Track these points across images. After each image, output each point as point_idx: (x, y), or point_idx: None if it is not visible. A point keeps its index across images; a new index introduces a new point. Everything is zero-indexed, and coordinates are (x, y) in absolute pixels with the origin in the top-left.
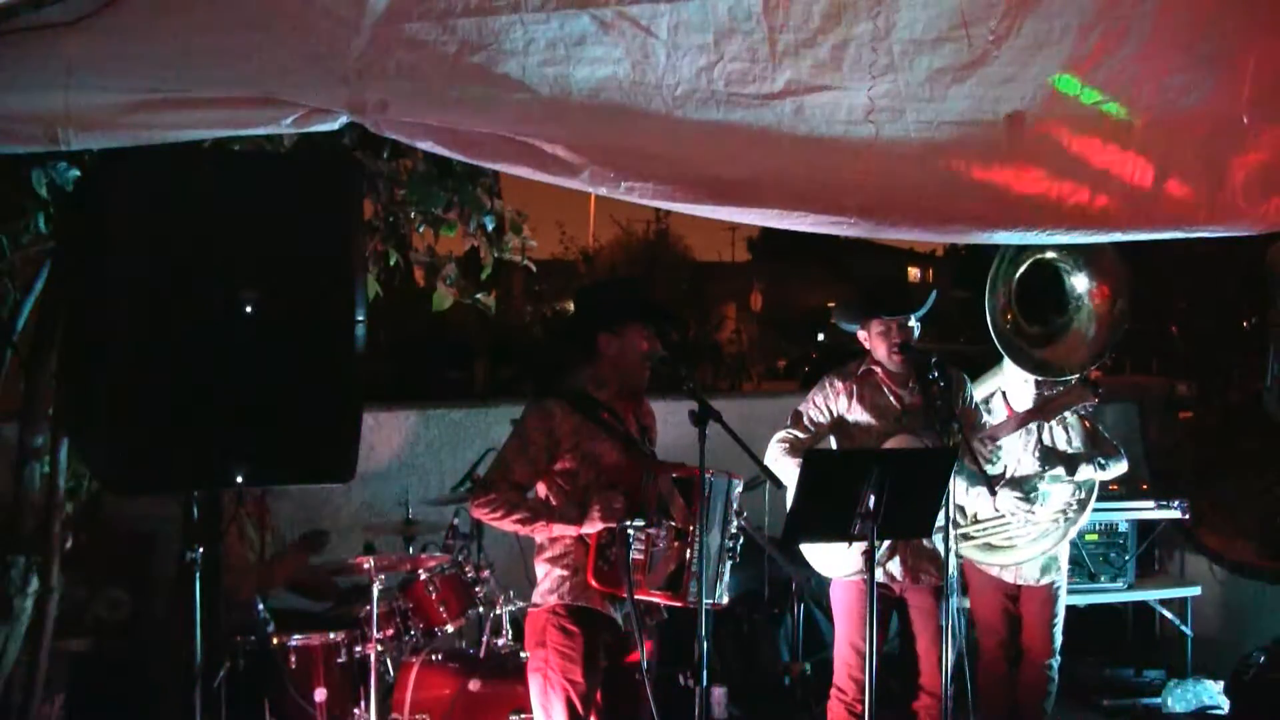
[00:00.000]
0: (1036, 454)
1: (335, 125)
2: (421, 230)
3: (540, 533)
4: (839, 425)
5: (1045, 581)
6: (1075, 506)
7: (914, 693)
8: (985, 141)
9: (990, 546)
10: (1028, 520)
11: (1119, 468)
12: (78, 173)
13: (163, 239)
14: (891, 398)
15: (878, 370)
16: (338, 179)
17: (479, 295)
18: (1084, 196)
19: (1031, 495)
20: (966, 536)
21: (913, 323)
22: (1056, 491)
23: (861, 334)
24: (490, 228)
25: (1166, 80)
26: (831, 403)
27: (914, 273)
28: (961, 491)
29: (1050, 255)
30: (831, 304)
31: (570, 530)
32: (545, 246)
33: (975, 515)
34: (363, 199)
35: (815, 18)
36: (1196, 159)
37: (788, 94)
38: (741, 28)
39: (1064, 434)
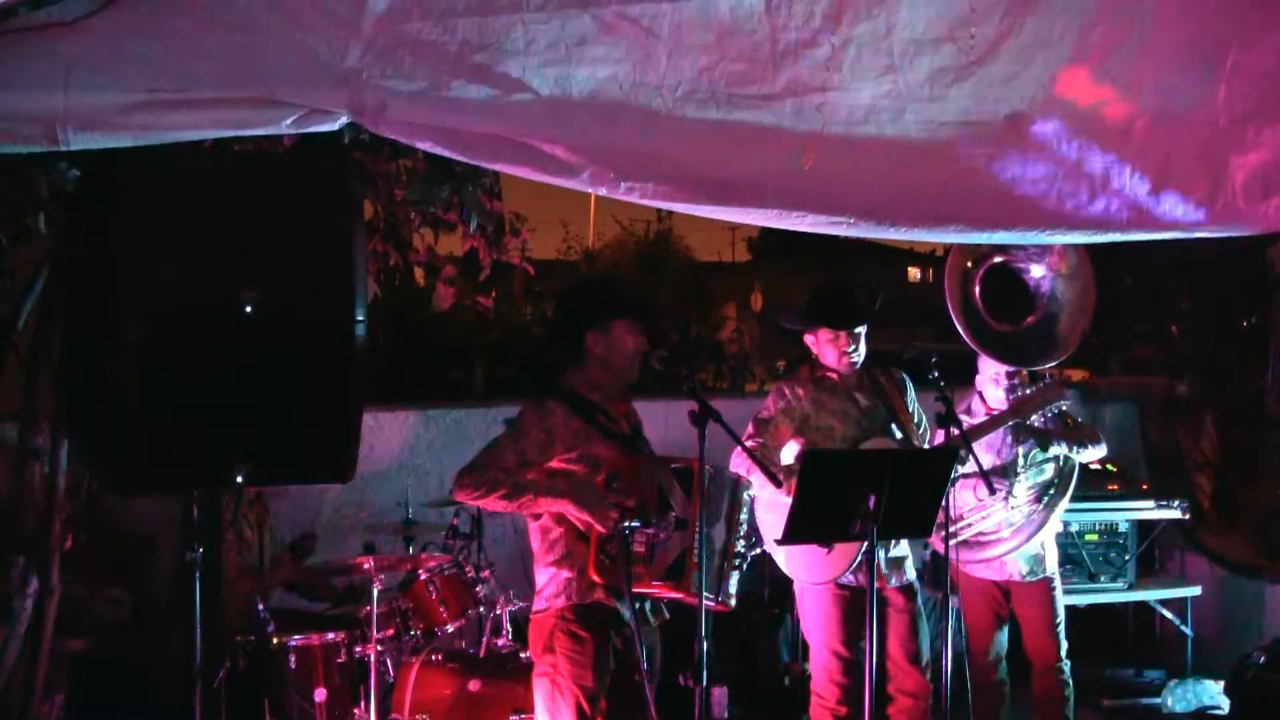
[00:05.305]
0: (1009, 438)
1: (335, 125)
2: (421, 230)
3: (526, 507)
4: (801, 430)
5: (1037, 579)
6: (1053, 490)
7: (885, 695)
8: (986, 142)
9: (976, 544)
10: (1007, 507)
11: (1097, 451)
12: (78, 173)
13: (163, 239)
14: (849, 402)
15: (831, 375)
16: (338, 179)
17: (478, 295)
18: (1084, 197)
19: (1008, 477)
20: (952, 535)
21: (860, 329)
22: (1031, 472)
23: (809, 339)
24: (489, 229)
25: (1167, 81)
26: (794, 407)
27: (914, 273)
28: None
29: (1001, 258)
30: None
31: (559, 504)
32: (548, 246)
33: (960, 513)
34: (363, 199)
35: (816, 18)
36: (1196, 159)
37: (788, 94)
38: (743, 28)
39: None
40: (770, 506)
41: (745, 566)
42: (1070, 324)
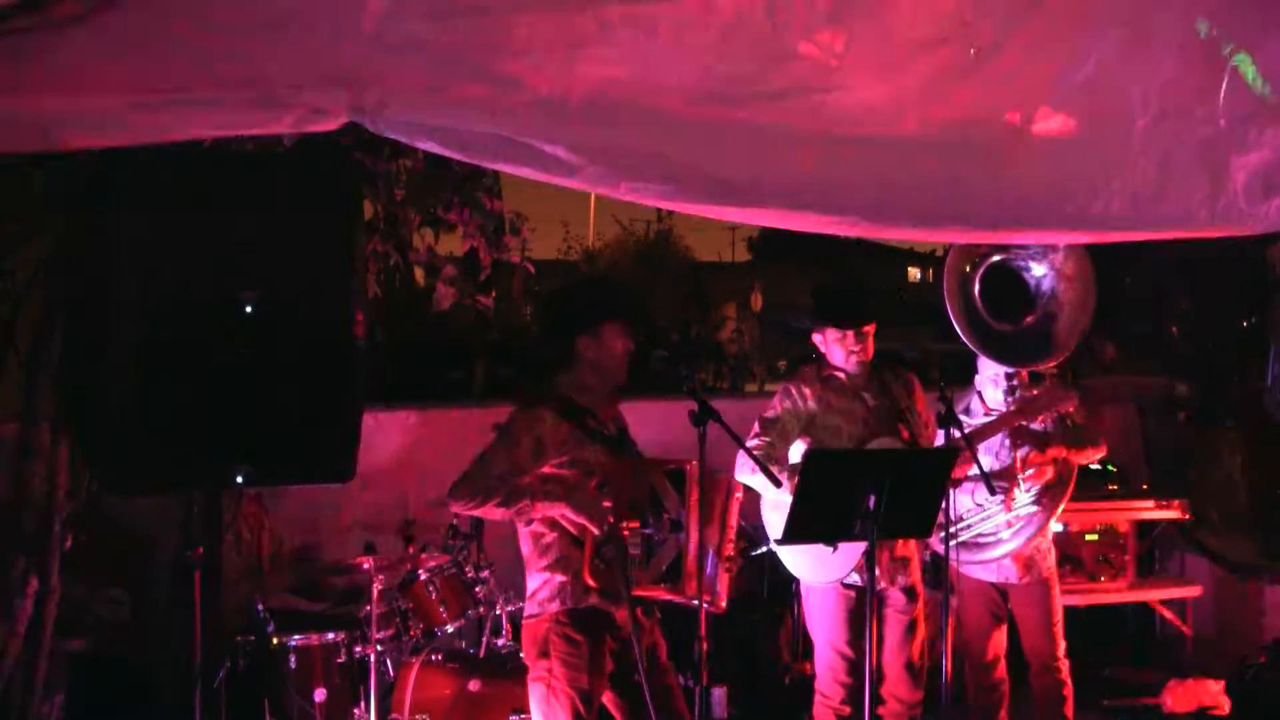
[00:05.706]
0: (1006, 441)
1: (335, 125)
2: (421, 230)
3: (524, 513)
4: (808, 429)
5: (1034, 579)
6: (1052, 491)
7: (877, 697)
8: (986, 141)
9: (974, 545)
10: (1006, 509)
11: (1096, 451)
12: (78, 173)
13: (162, 239)
14: (856, 401)
15: (839, 374)
16: (338, 179)
17: (478, 295)
18: (1084, 197)
19: (1007, 479)
20: (951, 537)
21: (868, 328)
22: (1030, 475)
23: (817, 337)
24: (490, 229)
25: (1167, 81)
26: (800, 406)
27: (914, 273)
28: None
29: (1000, 257)
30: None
31: (555, 508)
32: (548, 246)
33: (958, 515)
34: (363, 199)
35: (816, 18)
36: (1197, 159)
37: (789, 94)
38: (744, 27)
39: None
40: (775, 506)
41: (735, 569)
42: (1070, 324)
